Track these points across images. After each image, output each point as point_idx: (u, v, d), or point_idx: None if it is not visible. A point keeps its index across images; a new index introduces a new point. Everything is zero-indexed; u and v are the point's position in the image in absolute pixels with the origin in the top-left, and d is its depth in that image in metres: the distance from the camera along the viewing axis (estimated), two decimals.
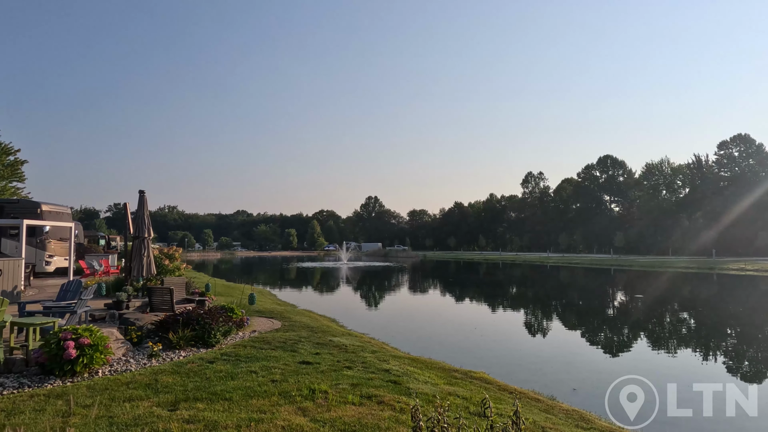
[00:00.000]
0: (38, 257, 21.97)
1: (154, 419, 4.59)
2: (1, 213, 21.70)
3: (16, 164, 38.22)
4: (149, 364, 6.77)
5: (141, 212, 12.79)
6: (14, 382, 5.78)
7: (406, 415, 5.00)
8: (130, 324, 8.52)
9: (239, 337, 8.82)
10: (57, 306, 8.49)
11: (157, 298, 10.65)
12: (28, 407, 4.90)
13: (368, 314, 19.94)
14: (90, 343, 6.06)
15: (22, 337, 7.71)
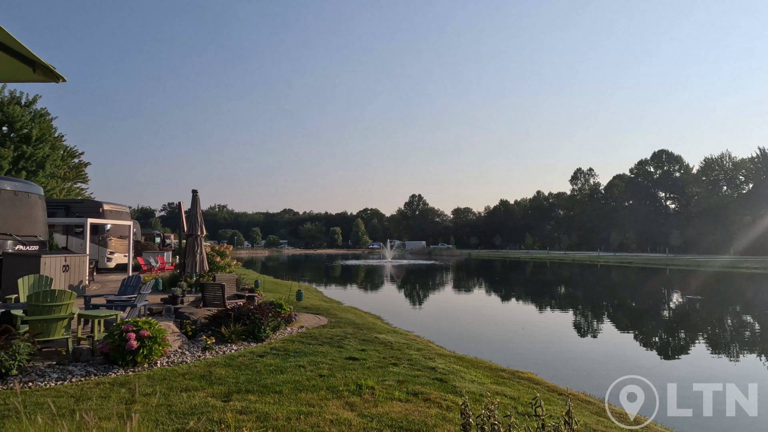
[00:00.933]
0: (101, 254, 23.25)
1: (209, 409, 4.78)
2: (67, 212, 23.12)
3: (81, 166, 40.54)
4: (203, 356, 7.04)
5: (194, 211, 13.31)
6: (81, 370, 6.15)
7: (453, 413, 4.99)
8: (185, 318, 8.89)
9: (287, 333, 9.03)
10: (119, 300, 8.97)
11: (210, 293, 11.05)
12: (95, 394, 5.21)
13: (413, 312, 19.96)
14: (149, 335, 6.38)
15: (87, 329, 8.20)
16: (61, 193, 35.29)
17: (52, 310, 6.71)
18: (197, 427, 4.16)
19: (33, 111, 33.63)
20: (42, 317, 6.62)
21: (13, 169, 30.63)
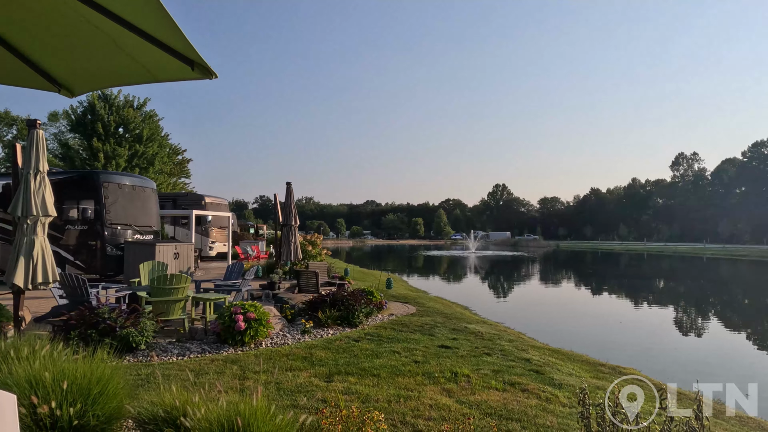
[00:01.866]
0: (203, 243, 25.15)
1: (314, 388, 5.05)
2: (174, 205, 25.23)
3: (184, 162, 44.06)
4: (303, 339, 7.42)
5: (288, 202, 13.99)
6: (197, 347, 6.74)
7: (553, 405, 4.87)
8: (283, 303, 9.41)
9: (379, 319, 9.25)
10: (225, 284, 9.69)
11: (304, 280, 11.59)
12: (211, 369, 5.69)
13: (500, 303, 19.60)
14: (255, 317, 6.83)
15: (199, 310, 8.94)
16: (168, 188, 38.56)
17: (171, 293, 7.40)
18: (307, 404, 4.41)
19: (143, 113, 36.97)
20: (163, 299, 7.32)
21: (128, 166, 33.95)
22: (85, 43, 1.81)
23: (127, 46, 1.73)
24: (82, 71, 2.00)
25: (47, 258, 6.62)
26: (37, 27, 1.78)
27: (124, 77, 1.92)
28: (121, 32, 1.63)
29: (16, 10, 1.73)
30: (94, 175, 14.99)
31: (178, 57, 1.66)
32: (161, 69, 1.81)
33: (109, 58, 1.85)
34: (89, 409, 3.22)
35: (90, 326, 6.12)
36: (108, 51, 1.79)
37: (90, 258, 14.54)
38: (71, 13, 1.61)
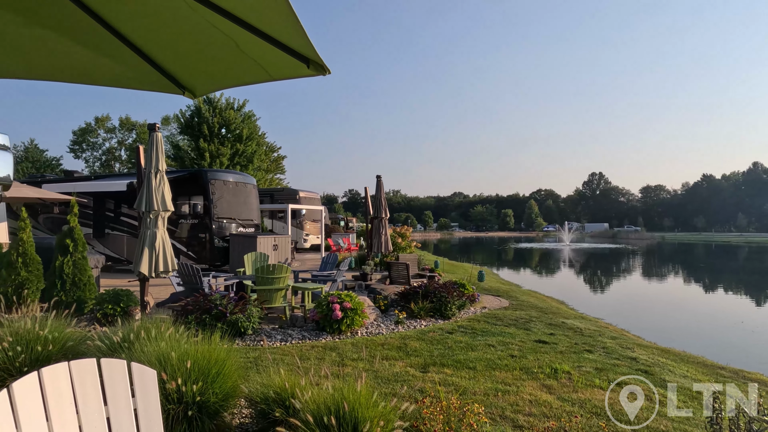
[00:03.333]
0: (298, 235, 26.38)
1: (410, 378, 5.11)
2: (272, 199, 26.68)
3: (279, 159, 46.37)
4: (396, 329, 7.54)
5: (378, 195, 14.22)
6: (298, 334, 7.09)
7: (667, 408, 4.52)
8: (377, 293, 9.61)
9: (471, 312, 9.15)
10: (321, 275, 10.09)
11: (395, 271, 11.75)
12: (312, 355, 5.97)
13: (599, 298, 18.53)
14: (351, 307, 7.05)
15: (298, 299, 9.40)
16: (265, 183, 40.84)
17: (273, 282, 7.84)
18: (406, 393, 4.48)
19: (243, 114, 39.39)
20: (266, 287, 7.79)
21: (230, 164, 36.41)
22: (207, 46, 1.93)
23: (247, 47, 1.82)
24: (204, 73, 2.14)
25: (167, 249, 7.30)
26: (165, 33, 1.93)
27: (242, 77, 2.03)
28: (241, 33, 1.72)
29: (146, 18, 1.88)
30: (203, 174, 16.24)
31: (295, 55, 1.73)
32: (278, 68, 1.89)
33: (229, 60, 1.96)
34: (209, 387, 3.51)
35: (205, 311, 6.67)
36: (229, 52, 1.90)
37: (200, 249, 15.83)
38: (195, 17, 1.71)
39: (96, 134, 49.62)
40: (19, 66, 2.24)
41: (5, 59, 2.17)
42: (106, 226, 16.99)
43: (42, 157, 50.73)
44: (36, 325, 4.36)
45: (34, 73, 2.31)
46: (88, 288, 8.00)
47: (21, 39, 2.00)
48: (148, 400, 2.00)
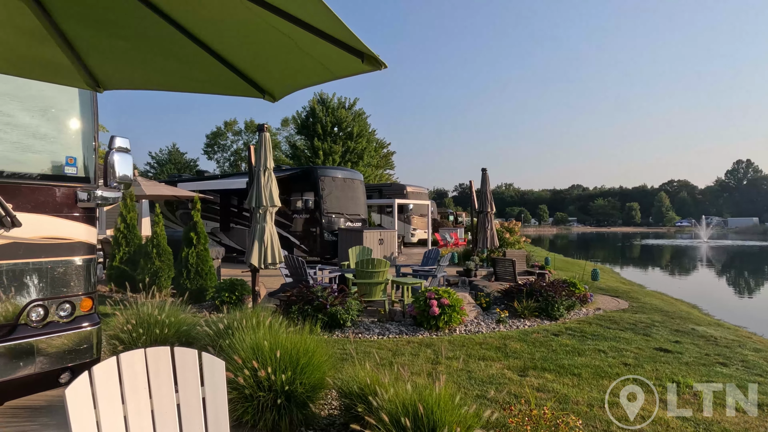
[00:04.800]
0: (405, 230, 26.64)
1: (506, 381, 4.84)
2: (380, 195, 27.24)
3: (388, 155, 47.25)
4: (497, 328, 7.22)
5: (484, 189, 13.80)
6: (396, 328, 7.10)
7: None
8: (479, 290, 9.32)
9: (582, 313, 8.48)
10: (422, 270, 10.04)
11: (501, 268, 11.30)
12: (407, 351, 5.92)
13: (743, 304, 16.22)
14: (449, 303, 6.89)
15: (398, 293, 9.44)
16: (374, 179, 41.88)
17: (373, 276, 7.94)
18: (497, 397, 4.24)
19: (353, 112, 40.72)
20: (366, 281, 7.91)
21: (342, 161, 37.86)
22: (271, 47, 1.93)
23: (305, 45, 1.80)
24: (277, 75, 2.15)
25: (275, 242, 7.72)
26: (240, 38, 1.95)
27: (310, 77, 2.01)
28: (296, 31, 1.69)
29: (221, 24, 1.91)
30: (313, 170, 17.04)
31: (348, 50, 1.67)
32: (337, 65, 1.85)
33: (293, 60, 1.95)
34: (297, 377, 3.61)
35: (307, 302, 6.95)
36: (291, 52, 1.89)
37: (312, 243, 16.65)
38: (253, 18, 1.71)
39: (225, 137, 54.68)
40: (123, 76, 2.43)
41: (113, 72, 2.35)
42: (230, 221, 18.57)
43: (182, 159, 57.11)
44: (156, 310, 4.83)
45: (135, 83, 2.49)
46: (209, 277, 8.77)
47: (122, 53, 2.16)
48: (216, 389, 2.07)
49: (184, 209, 20.04)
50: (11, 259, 3.36)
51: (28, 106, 3.58)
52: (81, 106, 3.90)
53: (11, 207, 3.33)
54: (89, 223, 3.86)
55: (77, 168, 3.80)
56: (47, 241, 3.55)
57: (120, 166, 3.94)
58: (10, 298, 3.36)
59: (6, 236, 3.32)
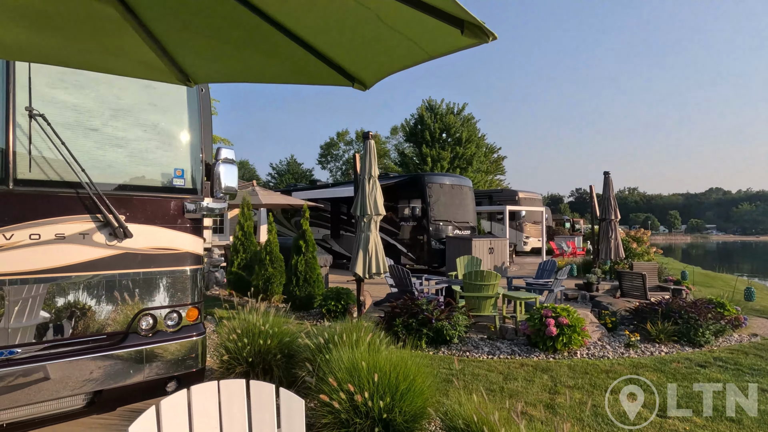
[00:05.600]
0: (518, 238, 25.37)
1: (640, 420, 4.09)
2: (490, 201, 26.30)
3: (499, 160, 45.71)
4: (626, 354, 6.31)
5: (606, 194, 12.53)
6: (507, 348, 6.51)
7: None
8: (602, 308, 8.33)
9: (734, 340, 7.16)
10: (536, 283, 9.26)
11: (628, 282, 10.08)
12: (520, 375, 5.34)
13: None
14: (568, 323, 6.16)
15: (510, 308, 8.78)
16: (484, 185, 40.72)
17: (481, 289, 7.42)
18: None
19: (462, 117, 40.03)
20: (474, 294, 7.41)
21: (450, 167, 37.33)
22: (355, 25, 1.65)
23: (389, 18, 1.49)
24: (364, 58, 1.88)
25: (379, 251, 7.54)
26: (322, 19, 1.72)
27: (400, 58, 1.72)
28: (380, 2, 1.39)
29: (302, 6, 1.68)
30: (420, 178, 16.82)
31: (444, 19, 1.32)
32: (430, 40, 1.51)
33: (378, 38, 1.68)
34: (396, 404, 3.29)
35: (411, 315, 6.64)
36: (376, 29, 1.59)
37: (419, 251, 16.41)
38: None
39: (337, 147, 56.90)
40: (211, 69, 2.33)
41: (201, 65, 2.25)
42: (340, 228, 19.02)
43: (299, 169, 60.49)
44: (260, 320, 4.83)
45: (223, 76, 2.39)
46: (317, 284, 8.86)
47: (208, 47, 2.04)
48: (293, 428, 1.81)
49: (298, 217, 20.96)
50: (123, 269, 3.47)
51: (141, 121, 3.71)
52: (189, 120, 3.99)
53: (123, 218, 3.45)
54: (196, 233, 3.91)
55: (185, 180, 3.88)
56: (156, 252, 3.63)
57: (225, 177, 3.96)
58: (122, 307, 3.47)
59: (118, 247, 3.44)
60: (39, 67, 3.26)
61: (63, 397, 3.23)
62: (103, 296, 3.39)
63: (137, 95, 3.71)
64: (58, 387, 3.19)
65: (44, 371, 3.14)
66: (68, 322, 3.26)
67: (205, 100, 5.35)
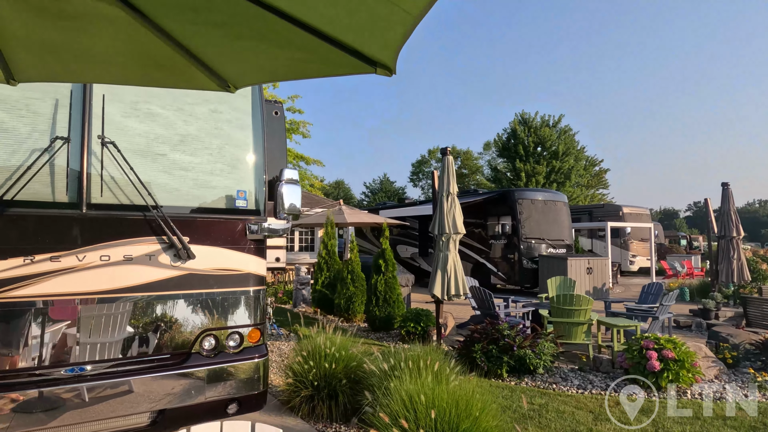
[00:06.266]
0: (623, 257, 23.37)
1: None
2: (590, 217, 24.56)
3: (601, 173, 42.86)
4: (752, 397, 5.34)
5: (726, 208, 11.06)
6: (601, 382, 5.82)
7: None
8: (721, 339, 7.22)
9: None
10: (638, 309, 8.30)
11: (755, 310, 8.70)
12: (615, 415, 4.70)
13: None
14: (674, 357, 5.36)
15: (608, 335, 7.94)
16: (585, 200, 38.30)
17: (571, 314, 6.77)
18: None
19: (558, 129, 38.18)
20: (563, 320, 6.78)
21: (546, 182, 35.62)
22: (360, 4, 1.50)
23: None
24: (374, 34, 1.70)
25: (458, 272, 7.20)
26: (333, 8, 1.58)
27: (395, 26, 1.54)
28: None
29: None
30: (510, 193, 16.12)
31: None
32: None
33: (372, 10, 1.50)
34: None
35: (491, 341, 6.20)
36: None
37: (509, 270, 15.65)
38: None
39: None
40: (245, 73, 2.30)
41: (235, 68, 2.23)
42: (429, 246, 18.75)
43: (392, 188, 61.30)
44: (327, 342, 4.73)
45: (256, 78, 2.37)
46: (396, 305, 8.68)
47: (226, 50, 2.01)
48: None
49: None
50: (186, 290, 3.54)
51: (207, 145, 3.81)
52: (254, 142, 4.04)
53: (187, 240, 3.52)
54: (259, 254, 3.91)
55: (247, 201, 3.91)
56: (218, 273, 3.67)
57: (288, 197, 3.94)
58: (185, 327, 3.53)
59: (182, 268, 3.52)
60: (112, 98, 3.46)
61: (130, 414, 3.32)
62: (166, 316, 3.47)
63: (204, 120, 3.82)
64: (125, 404, 3.28)
65: (113, 388, 3.25)
66: (134, 341, 3.37)
67: (279, 122, 5.46)
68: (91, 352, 3.22)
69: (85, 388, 3.16)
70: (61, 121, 3.28)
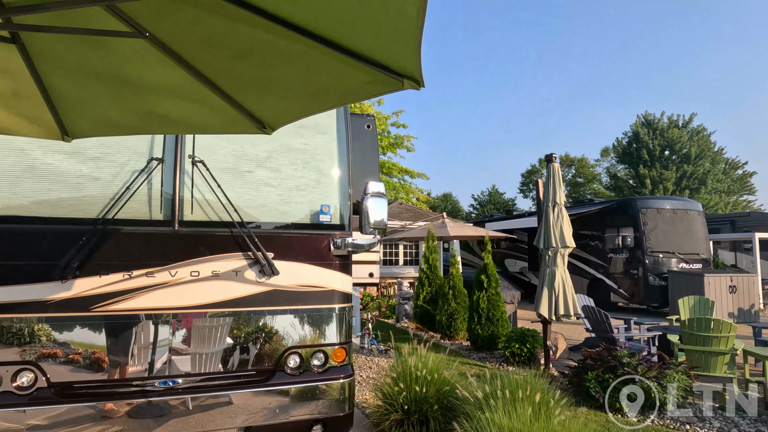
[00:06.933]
0: None
1: None
2: (733, 227, 21.51)
3: (745, 177, 37.61)
4: None
5: None
6: (748, 426, 4.84)
7: None
8: None
9: None
10: None
11: None
12: None
13: None
14: None
15: (758, 368, 6.71)
16: (726, 208, 33.82)
17: (708, 341, 5.80)
18: None
19: (690, 130, 34.28)
20: (697, 348, 5.83)
21: (677, 189, 32.04)
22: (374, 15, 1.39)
23: None
24: (399, 46, 1.59)
25: (568, 290, 6.57)
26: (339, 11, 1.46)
27: (405, 32, 1.42)
28: None
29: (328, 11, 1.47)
30: (631, 202, 14.64)
31: None
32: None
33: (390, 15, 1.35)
34: None
35: (607, 369, 5.49)
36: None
37: (632, 287, 14.15)
38: None
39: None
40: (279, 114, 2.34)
41: (270, 112, 2.25)
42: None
43: (501, 199, 59.41)
44: (419, 364, 4.48)
45: (288, 116, 2.39)
46: (500, 324, 8.15)
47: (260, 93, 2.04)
48: None
49: (494, 248, 20.27)
50: (270, 306, 3.52)
51: (293, 160, 3.81)
52: (339, 156, 3.97)
53: (272, 256, 3.52)
54: (344, 270, 3.80)
55: (331, 216, 3.83)
56: (302, 289, 3.62)
57: (374, 211, 3.81)
58: (269, 344, 3.51)
59: (266, 284, 3.51)
60: None
61: (219, 429, 3.35)
62: (252, 332, 3.48)
63: (289, 138, 3.83)
64: (215, 419, 3.32)
65: (202, 402, 3.31)
66: (222, 356, 3.41)
67: (371, 135, 5.38)
68: (182, 365, 3.31)
69: (177, 401, 3.25)
70: (157, 144, 3.46)
